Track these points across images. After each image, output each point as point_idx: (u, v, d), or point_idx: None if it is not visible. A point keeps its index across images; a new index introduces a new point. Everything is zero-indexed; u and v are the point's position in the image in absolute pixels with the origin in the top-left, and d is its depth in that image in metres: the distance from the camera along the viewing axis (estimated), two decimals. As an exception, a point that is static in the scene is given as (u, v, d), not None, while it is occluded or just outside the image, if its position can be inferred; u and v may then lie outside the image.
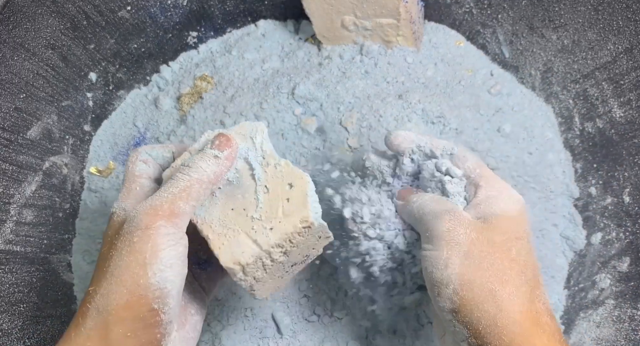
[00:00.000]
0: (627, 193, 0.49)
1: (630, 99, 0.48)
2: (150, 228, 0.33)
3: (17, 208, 0.50)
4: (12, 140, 0.49)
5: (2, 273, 0.47)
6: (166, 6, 0.58)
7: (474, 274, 0.33)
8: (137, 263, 0.32)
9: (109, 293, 0.32)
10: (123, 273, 0.32)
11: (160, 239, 0.32)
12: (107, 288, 0.32)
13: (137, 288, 0.32)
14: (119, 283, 0.32)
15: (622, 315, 0.47)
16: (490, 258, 0.34)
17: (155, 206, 0.33)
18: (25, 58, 0.49)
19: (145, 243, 0.32)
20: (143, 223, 0.33)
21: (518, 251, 0.34)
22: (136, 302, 0.32)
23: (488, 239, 0.34)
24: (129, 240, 0.33)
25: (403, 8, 0.51)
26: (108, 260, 0.33)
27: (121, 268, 0.32)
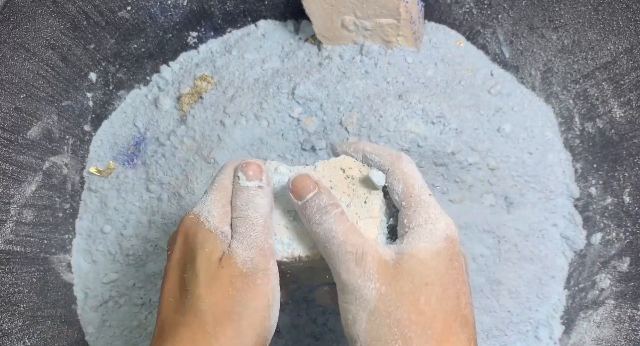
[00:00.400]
0: (627, 193, 0.49)
1: (630, 99, 0.48)
2: (267, 269, 0.33)
3: (17, 208, 0.50)
4: (12, 140, 0.49)
5: (2, 273, 0.47)
6: (166, 6, 0.58)
7: (379, 332, 0.32)
8: (263, 306, 0.33)
9: (240, 335, 0.32)
10: (252, 316, 0.32)
11: (275, 280, 0.33)
12: (237, 330, 0.32)
13: (264, 331, 0.33)
14: (249, 326, 0.32)
15: (622, 315, 0.47)
16: (396, 313, 0.31)
17: (263, 248, 0.34)
18: (25, 58, 0.49)
19: (266, 286, 0.33)
20: (262, 265, 0.33)
21: (427, 299, 0.32)
22: (260, 342, 0.33)
23: (397, 291, 0.32)
24: (252, 283, 0.33)
25: (403, 8, 0.51)
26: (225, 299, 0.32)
27: (249, 310, 0.32)
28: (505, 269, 0.51)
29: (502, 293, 0.51)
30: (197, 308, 0.32)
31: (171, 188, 0.55)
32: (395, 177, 0.35)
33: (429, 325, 0.31)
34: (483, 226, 0.51)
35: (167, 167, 0.56)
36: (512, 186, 0.52)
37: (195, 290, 0.33)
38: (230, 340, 0.32)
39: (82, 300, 0.55)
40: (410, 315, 0.31)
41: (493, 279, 0.51)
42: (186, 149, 0.55)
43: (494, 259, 0.51)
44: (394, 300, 0.32)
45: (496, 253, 0.51)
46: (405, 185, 0.35)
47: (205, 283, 0.33)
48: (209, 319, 0.32)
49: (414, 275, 0.32)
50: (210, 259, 0.33)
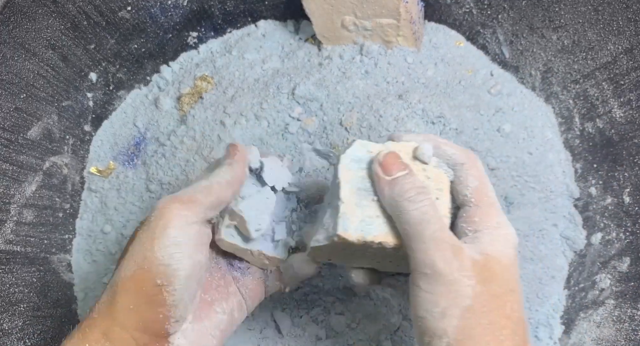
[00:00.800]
0: (627, 193, 0.49)
1: (630, 99, 0.48)
2: (165, 207, 0.34)
3: (18, 208, 0.50)
4: (13, 140, 0.49)
5: (3, 273, 0.47)
6: (166, 6, 0.58)
7: (473, 331, 0.31)
8: (147, 238, 0.33)
9: (121, 266, 0.34)
10: (135, 248, 0.34)
11: (171, 217, 0.34)
12: (121, 263, 0.34)
13: (144, 261, 0.33)
14: (130, 257, 0.34)
15: (622, 315, 0.47)
16: (490, 315, 0.31)
17: (176, 195, 0.35)
18: (25, 58, 0.49)
19: (158, 220, 0.34)
20: (160, 205, 0.34)
21: (512, 306, 0.32)
22: (140, 275, 0.33)
23: (491, 293, 0.32)
24: (147, 220, 0.34)
25: (403, 8, 0.51)
26: (128, 245, 0.35)
27: (135, 245, 0.34)
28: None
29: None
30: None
31: (171, 188, 0.55)
32: (471, 173, 0.35)
33: (516, 331, 0.32)
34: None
35: (167, 167, 0.56)
36: (512, 186, 0.52)
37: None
38: (116, 271, 0.34)
39: (82, 300, 0.55)
40: (502, 319, 0.31)
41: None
42: (186, 149, 0.55)
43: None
44: (488, 302, 0.31)
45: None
46: (481, 183, 0.35)
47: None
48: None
49: (502, 279, 0.32)
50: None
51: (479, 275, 0.32)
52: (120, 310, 0.33)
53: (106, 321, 0.33)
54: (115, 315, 0.33)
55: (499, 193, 0.51)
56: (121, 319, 0.33)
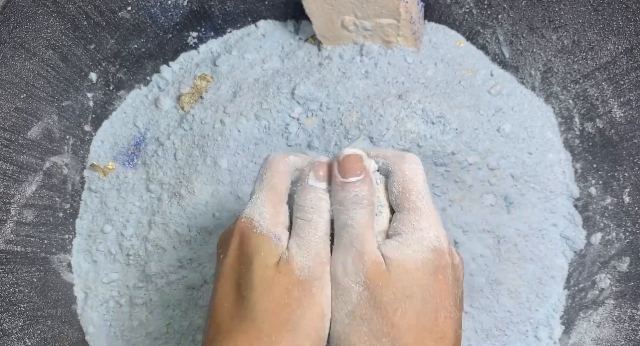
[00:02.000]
0: (627, 193, 0.49)
1: (630, 99, 0.48)
2: (322, 278, 0.32)
3: (18, 208, 0.50)
4: (13, 140, 0.49)
5: (3, 273, 0.48)
6: (166, 6, 0.58)
7: (352, 338, 0.31)
8: (318, 316, 0.32)
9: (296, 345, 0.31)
10: (308, 326, 0.31)
11: (328, 289, 0.32)
12: (294, 341, 0.31)
13: (319, 341, 0.32)
14: (305, 336, 0.31)
15: (622, 315, 0.47)
16: (371, 322, 0.31)
17: (321, 255, 0.33)
18: (25, 58, 0.49)
19: (321, 294, 0.32)
20: (318, 273, 0.32)
21: (403, 313, 0.31)
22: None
23: (377, 300, 0.31)
24: (309, 291, 0.32)
25: (403, 8, 0.51)
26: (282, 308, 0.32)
27: (305, 320, 0.31)
28: (505, 269, 0.51)
29: (502, 293, 0.51)
30: (254, 315, 0.31)
31: (171, 188, 0.55)
32: (396, 179, 0.34)
33: (399, 339, 0.30)
34: (483, 226, 0.51)
35: (167, 168, 0.56)
36: (512, 186, 0.52)
37: (252, 296, 0.32)
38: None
39: (82, 300, 0.55)
40: (384, 327, 0.31)
41: (493, 279, 0.51)
42: (186, 149, 0.55)
43: (494, 259, 0.51)
44: (371, 308, 0.31)
45: (496, 253, 0.51)
46: (403, 188, 0.33)
47: (262, 290, 0.32)
48: (265, 327, 0.31)
49: (398, 285, 0.31)
50: (267, 264, 0.32)
51: (371, 281, 0.31)
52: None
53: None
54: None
55: (499, 193, 0.51)
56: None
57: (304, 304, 0.31)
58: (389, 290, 0.31)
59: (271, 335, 0.31)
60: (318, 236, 0.33)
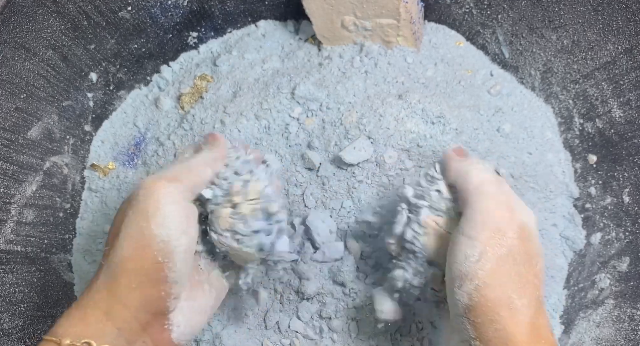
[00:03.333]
0: (626, 193, 0.49)
1: (630, 99, 0.48)
2: (153, 187, 0.35)
3: (18, 208, 0.50)
4: (13, 140, 0.49)
5: (3, 273, 0.48)
6: (167, 6, 0.58)
7: (502, 278, 0.33)
8: (142, 217, 0.34)
9: (118, 247, 0.34)
10: (130, 228, 0.34)
11: (162, 195, 0.35)
12: (117, 243, 0.34)
13: (142, 239, 0.34)
14: (127, 237, 0.34)
15: (622, 315, 0.47)
16: (521, 268, 0.34)
17: (159, 174, 0.37)
18: (26, 58, 0.49)
19: (148, 198, 0.35)
20: (146, 184, 0.35)
21: (541, 267, 0.35)
22: (141, 253, 0.34)
23: (526, 249, 0.35)
24: (135, 201, 0.35)
25: (403, 8, 0.51)
26: (119, 224, 0.35)
27: (129, 224, 0.34)
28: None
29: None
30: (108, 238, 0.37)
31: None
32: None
33: (538, 287, 0.35)
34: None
35: (168, 167, 0.56)
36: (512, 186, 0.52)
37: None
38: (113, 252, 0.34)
39: (82, 300, 0.55)
40: (529, 274, 0.34)
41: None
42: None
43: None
44: (522, 256, 0.34)
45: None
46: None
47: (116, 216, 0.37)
48: (108, 241, 0.36)
49: (534, 243, 0.36)
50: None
51: (521, 233, 0.35)
52: (123, 290, 0.34)
53: (108, 300, 0.34)
54: (118, 294, 0.34)
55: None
56: (123, 298, 0.34)
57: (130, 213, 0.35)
58: (532, 246, 0.35)
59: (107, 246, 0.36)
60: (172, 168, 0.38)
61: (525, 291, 0.33)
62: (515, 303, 0.33)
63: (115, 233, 0.35)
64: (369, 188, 0.50)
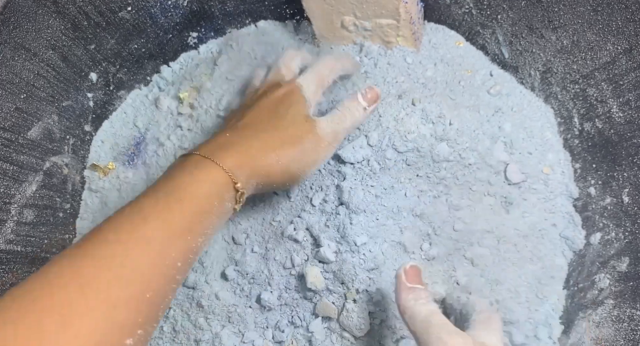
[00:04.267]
0: (626, 193, 0.50)
1: (630, 99, 0.48)
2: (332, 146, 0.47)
3: (18, 208, 0.50)
4: (13, 140, 0.49)
5: (3, 273, 0.48)
6: (167, 7, 0.59)
7: None
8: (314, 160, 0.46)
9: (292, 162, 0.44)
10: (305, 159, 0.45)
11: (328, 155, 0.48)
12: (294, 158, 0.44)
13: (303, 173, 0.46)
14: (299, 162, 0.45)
15: (622, 315, 0.47)
16: None
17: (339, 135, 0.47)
18: (25, 58, 0.49)
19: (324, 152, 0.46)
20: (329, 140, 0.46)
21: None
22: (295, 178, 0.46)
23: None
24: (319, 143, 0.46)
25: (403, 9, 0.51)
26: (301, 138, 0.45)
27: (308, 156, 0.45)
28: (505, 269, 0.51)
29: (502, 293, 0.51)
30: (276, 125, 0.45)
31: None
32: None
33: None
34: (483, 226, 0.51)
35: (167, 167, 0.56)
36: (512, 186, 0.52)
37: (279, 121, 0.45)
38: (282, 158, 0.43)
39: (82, 300, 0.55)
40: None
41: (493, 279, 0.51)
42: (186, 149, 0.56)
43: (494, 260, 0.51)
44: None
45: (496, 253, 0.51)
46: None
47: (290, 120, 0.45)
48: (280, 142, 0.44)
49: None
50: (300, 112, 0.46)
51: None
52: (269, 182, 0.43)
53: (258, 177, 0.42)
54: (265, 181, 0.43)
55: (499, 193, 0.51)
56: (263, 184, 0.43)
57: (312, 145, 0.44)
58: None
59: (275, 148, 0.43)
60: (343, 127, 0.47)
61: None
62: None
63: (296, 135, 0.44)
64: (365, 188, 0.49)
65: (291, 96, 0.46)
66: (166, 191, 0.38)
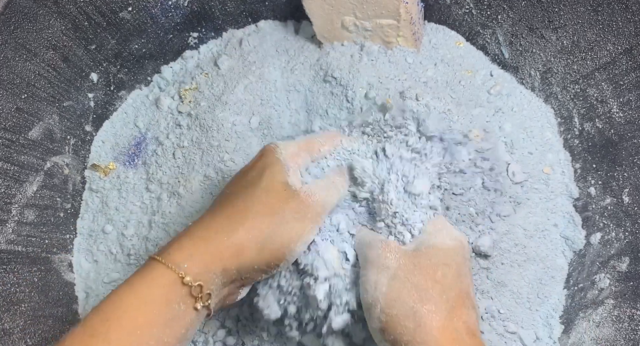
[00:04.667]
0: (626, 193, 0.50)
1: (630, 99, 0.48)
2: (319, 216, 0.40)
3: (19, 208, 0.50)
4: (14, 140, 0.49)
5: (4, 273, 0.48)
6: (167, 7, 0.59)
7: (398, 293, 0.36)
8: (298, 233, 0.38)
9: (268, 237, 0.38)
10: (286, 233, 0.38)
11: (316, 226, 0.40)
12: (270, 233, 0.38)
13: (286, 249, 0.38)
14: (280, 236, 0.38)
15: (622, 315, 0.47)
16: (414, 279, 0.37)
17: (326, 205, 0.41)
18: (26, 59, 0.49)
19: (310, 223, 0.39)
20: (317, 210, 0.40)
21: (443, 274, 0.38)
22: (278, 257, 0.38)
23: (414, 263, 0.38)
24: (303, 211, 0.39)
25: (403, 9, 0.51)
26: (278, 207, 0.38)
27: (288, 227, 0.38)
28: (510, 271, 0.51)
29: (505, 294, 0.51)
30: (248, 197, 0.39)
31: (170, 187, 0.55)
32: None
33: (444, 292, 0.37)
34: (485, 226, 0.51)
35: (167, 167, 0.56)
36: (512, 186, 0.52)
37: (252, 192, 0.39)
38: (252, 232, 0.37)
39: (83, 300, 0.55)
40: (428, 282, 0.37)
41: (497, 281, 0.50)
42: (185, 149, 0.56)
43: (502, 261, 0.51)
44: (412, 269, 0.37)
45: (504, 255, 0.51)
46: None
47: (262, 190, 0.38)
48: (249, 213, 0.38)
49: (432, 256, 0.38)
50: (274, 177, 0.39)
51: (405, 254, 0.39)
52: (247, 265, 0.37)
53: (230, 262, 0.36)
54: (241, 266, 0.37)
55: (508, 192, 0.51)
56: (242, 270, 0.37)
57: (293, 214, 0.38)
58: (425, 259, 0.38)
59: (244, 222, 0.37)
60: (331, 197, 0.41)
61: (427, 298, 0.36)
62: (419, 311, 0.35)
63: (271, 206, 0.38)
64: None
65: (264, 159, 0.40)
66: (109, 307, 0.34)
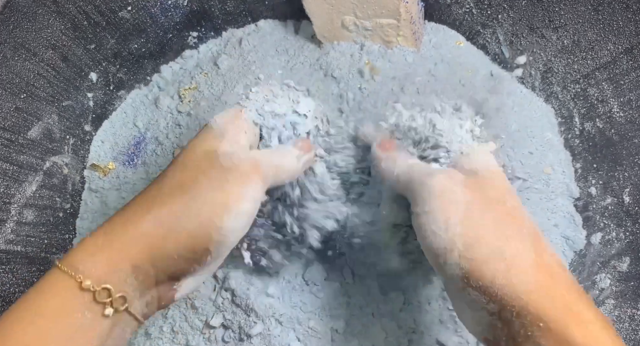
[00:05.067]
0: (627, 192, 0.49)
1: (630, 99, 0.48)
2: (249, 176, 0.34)
3: (18, 208, 0.50)
4: (13, 140, 0.49)
5: (3, 273, 0.48)
6: (167, 6, 0.58)
7: (477, 232, 0.31)
8: (221, 203, 0.33)
9: (181, 217, 0.33)
10: (204, 206, 0.33)
11: (249, 190, 0.34)
12: (183, 211, 0.33)
13: (208, 225, 0.33)
14: (196, 213, 0.33)
15: (622, 315, 0.47)
16: (491, 214, 0.32)
17: (260, 162, 0.35)
18: (26, 58, 0.49)
19: (236, 186, 0.33)
20: (244, 169, 0.34)
21: (513, 205, 0.33)
22: (197, 236, 0.33)
23: (483, 195, 0.33)
24: (224, 177, 0.34)
25: (403, 8, 0.51)
26: (191, 180, 0.34)
27: (205, 200, 0.33)
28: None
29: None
30: (164, 179, 0.35)
31: (171, 188, 0.55)
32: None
33: (521, 226, 0.32)
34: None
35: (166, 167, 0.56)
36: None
37: (167, 170, 0.36)
38: (172, 215, 0.33)
39: (82, 300, 0.55)
40: (504, 216, 0.32)
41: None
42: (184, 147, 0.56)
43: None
44: (483, 203, 0.32)
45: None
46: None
47: (180, 163, 0.35)
48: (158, 196, 0.34)
49: (494, 183, 0.34)
50: (199, 148, 0.36)
51: (470, 185, 0.34)
52: (163, 256, 0.33)
53: (141, 257, 0.32)
54: (156, 257, 0.32)
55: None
56: (158, 262, 0.33)
57: (214, 185, 0.33)
58: (490, 188, 0.34)
59: (152, 206, 0.33)
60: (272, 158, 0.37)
61: (509, 233, 0.31)
62: (507, 252, 0.30)
63: (181, 188, 0.33)
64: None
65: (198, 135, 0.37)
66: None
